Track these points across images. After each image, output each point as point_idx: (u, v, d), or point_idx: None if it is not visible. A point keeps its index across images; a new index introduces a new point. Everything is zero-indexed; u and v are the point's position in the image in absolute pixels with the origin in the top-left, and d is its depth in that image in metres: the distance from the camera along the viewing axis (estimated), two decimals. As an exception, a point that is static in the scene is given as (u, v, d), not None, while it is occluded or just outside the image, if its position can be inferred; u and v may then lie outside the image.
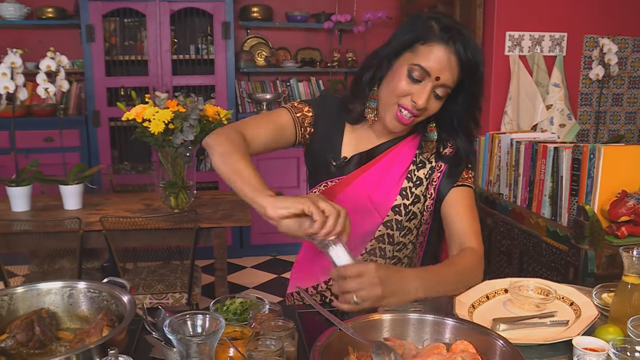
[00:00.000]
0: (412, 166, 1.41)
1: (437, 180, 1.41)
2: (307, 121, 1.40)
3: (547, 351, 1.20)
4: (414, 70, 1.25)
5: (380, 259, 1.42)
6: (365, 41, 4.78)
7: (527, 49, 3.60)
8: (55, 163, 4.09)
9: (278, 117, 1.38)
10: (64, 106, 4.44)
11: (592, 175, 1.90)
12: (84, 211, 2.93)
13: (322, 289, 1.47)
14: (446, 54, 1.23)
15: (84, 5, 4.13)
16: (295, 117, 1.39)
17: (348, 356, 1.07)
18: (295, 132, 1.39)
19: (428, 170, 1.42)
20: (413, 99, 1.26)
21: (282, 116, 1.38)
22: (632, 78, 3.90)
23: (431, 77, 1.24)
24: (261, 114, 1.41)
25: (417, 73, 1.25)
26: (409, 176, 1.40)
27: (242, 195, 1.17)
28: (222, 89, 4.46)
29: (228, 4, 4.34)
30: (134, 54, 4.45)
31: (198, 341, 0.75)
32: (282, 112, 1.40)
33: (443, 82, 1.25)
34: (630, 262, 1.26)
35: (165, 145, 2.73)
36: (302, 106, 1.41)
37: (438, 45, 1.24)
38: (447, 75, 1.24)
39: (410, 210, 1.40)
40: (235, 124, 1.33)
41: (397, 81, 1.27)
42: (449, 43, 1.23)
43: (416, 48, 1.26)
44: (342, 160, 1.40)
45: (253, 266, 4.48)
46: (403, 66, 1.27)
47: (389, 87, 1.30)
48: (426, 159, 1.42)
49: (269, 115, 1.40)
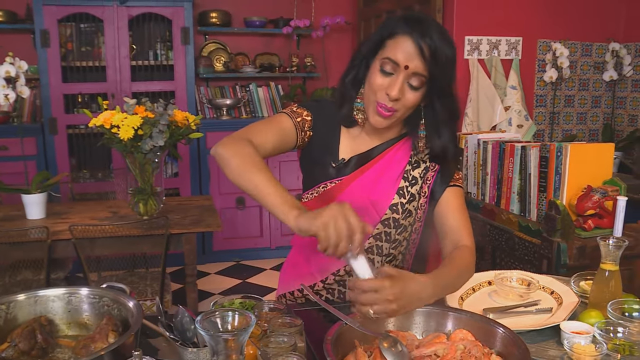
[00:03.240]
0: (407, 166, 1.46)
1: (431, 179, 1.47)
2: (307, 125, 1.42)
3: (536, 337, 1.27)
4: (384, 65, 1.29)
5: (377, 256, 1.46)
6: (324, 46, 4.84)
7: (485, 52, 3.73)
8: (10, 172, 3.96)
9: (280, 122, 1.39)
10: (17, 113, 4.30)
11: (559, 172, 2.00)
12: (49, 220, 2.86)
13: (319, 287, 1.49)
14: (411, 43, 1.26)
15: (37, 10, 4.01)
16: (296, 122, 1.40)
17: (355, 349, 1.11)
18: (296, 136, 1.41)
19: (423, 170, 1.47)
20: (387, 91, 1.29)
21: (284, 121, 1.40)
22: (581, 80, 4.10)
23: (400, 66, 1.27)
24: (263, 121, 1.41)
25: (388, 66, 1.29)
26: (405, 176, 1.45)
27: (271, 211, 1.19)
28: (182, 95, 4.41)
29: (187, 10, 4.31)
30: (92, 59, 4.35)
31: (230, 337, 0.76)
32: (283, 117, 1.41)
33: (413, 69, 1.27)
34: (607, 251, 1.34)
35: (134, 152, 2.70)
36: (301, 110, 1.43)
37: (403, 37, 1.28)
38: (416, 63, 1.27)
39: (406, 209, 1.45)
40: (241, 132, 1.33)
41: (373, 78, 1.31)
42: (413, 33, 1.27)
43: (386, 44, 1.31)
44: (341, 162, 1.43)
45: (217, 272, 4.45)
46: (376, 64, 1.32)
47: (368, 85, 1.34)
48: (420, 159, 1.47)
49: (272, 121, 1.40)
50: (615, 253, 1.33)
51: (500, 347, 1.12)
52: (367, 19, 4.73)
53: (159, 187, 2.90)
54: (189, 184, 4.49)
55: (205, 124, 4.33)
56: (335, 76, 5.00)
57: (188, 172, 4.47)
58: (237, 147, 1.26)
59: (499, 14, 3.74)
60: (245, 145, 1.27)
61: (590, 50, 4.05)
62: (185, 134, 2.81)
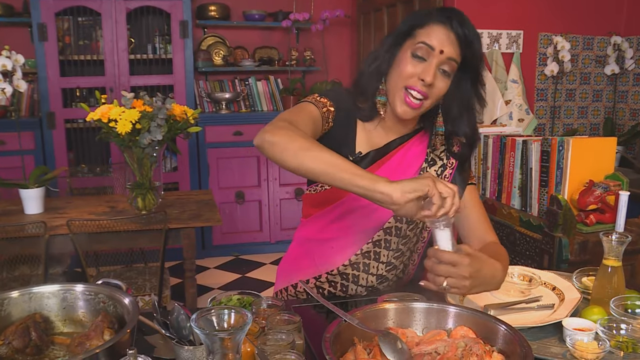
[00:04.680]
0: (424, 164, 1.45)
1: (449, 177, 1.46)
2: (331, 116, 1.38)
3: (538, 333, 1.25)
4: (418, 50, 1.29)
5: (384, 250, 1.45)
6: (323, 40, 4.81)
7: (485, 46, 3.71)
8: (8, 167, 3.94)
9: (310, 111, 1.34)
10: (15, 108, 4.27)
11: (561, 167, 1.98)
12: (47, 215, 2.84)
13: (322, 280, 1.48)
14: (445, 31, 1.27)
15: (34, 3, 3.98)
16: (322, 112, 1.36)
17: (354, 346, 1.09)
18: (322, 126, 1.36)
19: (440, 167, 1.46)
20: (420, 76, 1.28)
21: (313, 110, 1.35)
22: (583, 74, 4.07)
23: (435, 51, 1.27)
24: (293, 109, 1.33)
25: (422, 51, 1.28)
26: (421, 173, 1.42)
27: (349, 187, 1.11)
28: (180, 89, 4.39)
29: (185, 3, 4.28)
30: (90, 53, 4.32)
31: (226, 336, 0.74)
32: (310, 106, 1.35)
33: (447, 55, 1.27)
34: (609, 247, 1.32)
35: (132, 146, 2.68)
36: (325, 100, 1.38)
37: (436, 25, 1.29)
38: (450, 49, 1.27)
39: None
40: (280, 118, 1.25)
41: (403, 66, 1.30)
42: (446, 22, 1.28)
43: (416, 33, 1.30)
44: (358, 155, 1.41)
45: (217, 267, 4.44)
46: (406, 52, 1.31)
47: (395, 74, 1.32)
48: (437, 157, 1.46)
49: (302, 109, 1.34)
50: (618, 249, 1.31)
51: (502, 345, 1.10)
52: (366, 13, 4.70)
53: (157, 182, 2.88)
54: (188, 178, 4.47)
55: (204, 118, 4.31)
56: (335, 70, 4.99)
57: (187, 166, 4.45)
58: (288, 131, 1.18)
59: (499, 7, 3.72)
60: (295, 128, 1.20)
61: (592, 44, 4.03)
62: (184, 128, 2.79)
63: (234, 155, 4.53)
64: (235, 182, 4.57)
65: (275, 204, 4.67)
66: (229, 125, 4.48)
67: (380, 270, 1.47)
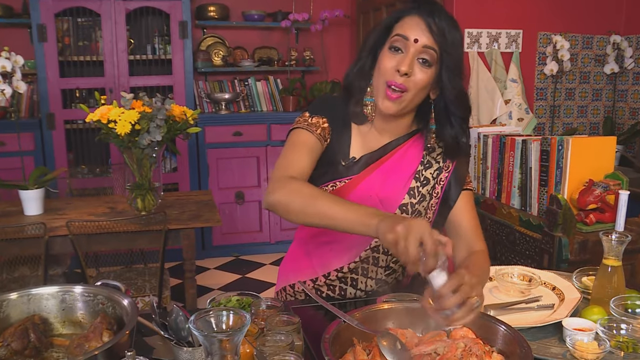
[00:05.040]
0: (420, 167, 1.43)
1: (445, 180, 1.45)
2: (327, 133, 1.38)
3: (537, 333, 1.25)
4: (394, 42, 1.29)
5: (382, 255, 1.45)
6: (323, 40, 4.81)
7: (485, 45, 3.71)
8: (7, 168, 3.94)
9: (305, 142, 1.34)
10: (15, 109, 4.27)
11: (561, 166, 1.97)
12: (47, 216, 2.84)
13: (320, 283, 1.48)
14: (418, 20, 1.28)
15: (34, 4, 3.98)
16: (318, 135, 1.36)
17: (354, 347, 1.09)
18: (321, 148, 1.37)
19: (435, 170, 1.44)
20: (396, 67, 1.28)
21: (308, 139, 1.35)
22: (582, 73, 4.07)
23: (409, 40, 1.27)
24: (288, 148, 1.34)
25: (398, 43, 1.29)
26: (416, 176, 1.43)
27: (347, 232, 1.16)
28: (180, 89, 4.39)
29: (185, 3, 4.27)
30: (89, 54, 4.32)
31: (224, 337, 0.74)
32: (304, 134, 1.35)
33: (423, 43, 1.27)
34: (609, 246, 1.32)
35: (131, 147, 2.67)
36: (317, 120, 1.37)
37: (410, 16, 1.29)
38: (425, 37, 1.27)
39: (416, 209, 1.43)
40: (278, 173, 1.28)
41: (382, 62, 1.31)
42: (420, 10, 1.28)
43: (393, 28, 1.31)
44: (351, 161, 1.40)
45: (217, 267, 4.44)
46: (385, 48, 1.32)
47: (377, 72, 1.33)
48: (433, 159, 1.44)
49: (296, 144, 1.34)
50: (618, 248, 1.31)
51: (502, 345, 1.10)
52: (366, 12, 4.70)
53: (157, 183, 2.88)
54: (188, 178, 4.47)
55: (203, 119, 4.31)
56: (335, 70, 4.98)
57: (187, 167, 4.45)
58: (288, 188, 1.22)
59: (499, 7, 3.72)
60: (293, 182, 1.23)
61: (591, 43, 4.03)
62: (183, 129, 2.79)
63: (233, 155, 4.52)
64: (235, 182, 4.57)
65: (275, 204, 4.66)
66: (229, 126, 4.47)
67: (379, 274, 1.47)
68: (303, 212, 1.19)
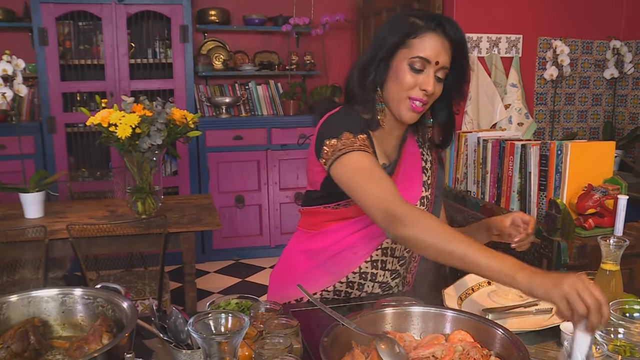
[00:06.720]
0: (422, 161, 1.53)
1: (435, 170, 1.56)
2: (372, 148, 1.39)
3: (535, 337, 1.25)
4: (414, 63, 1.35)
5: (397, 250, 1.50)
6: (323, 44, 4.82)
7: (485, 50, 3.72)
8: (8, 171, 3.95)
9: (373, 160, 1.33)
10: (16, 112, 4.28)
11: (560, 171, 1.98)
12: (47, 219, 2.85)
13: (329, 290, 1.51)
14: (438, 39, 1.34)
15: (35, 8, 4.00)
16: (371, 152, 1.36)
17: (352, 350, 1.09)
18: None
19: (429, 163, 1.54)
20: (421, 87, 1.35)
21: (372, 159, 1.33)
22: (582, 78, 4.08)
23: (431, 63, 1.34)
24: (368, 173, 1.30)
25: (419, 64, 1.34)
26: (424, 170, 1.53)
27: (483, 276, 1.18)
28: (181, 93, 4.40)
29: (186, 8, 4.29)
30: (90, 58, 4.34)
31: (223, 340, 0.75)
32: (367, 156, 1.32)
33: (442, 64, 1.35)
34: (607, 251, 1.33)
35: (132, 150, 2.68)
36: (362, 137, 1.35)
37: (429, 34, 1.34)
38: (444, 58, 1.35)
39: (430, 201, 1.54)
40: (393, 203, 1.24)
41: (402, 77, 1.36)
42: (437, 30, 1.34)
43: (409, 43, 1.35)
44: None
45: (216, 271, 4.44)
46: (402, 62, 1.36)
47: (396, 85, 1.37)
48: (426, 153, 1.54)
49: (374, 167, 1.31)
50: (616, 253, 1.32)
51: (500, 349, 1.10)
52: (366, 17, 4.72)
53: (157, 186, 2.89)
54: (188, 182, 4.48)
55: (204, 123, 4.32)
56: (335, 74, 4.99)
57: (187, 171, 4.46)
58: (424, 226, 1.20)
59: (499, 12, 3.73)
60: (425, 217, 1.23)
61: (591, 48, 4.04)
62: (184, 133, 2.80)
63: (233, 159, 4.53)
64: (235, 186, 4.58)
65: (275, 208, 4.67)
66: (229, 130, 4.48)
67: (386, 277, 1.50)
68: (437, 251, 1.18)
